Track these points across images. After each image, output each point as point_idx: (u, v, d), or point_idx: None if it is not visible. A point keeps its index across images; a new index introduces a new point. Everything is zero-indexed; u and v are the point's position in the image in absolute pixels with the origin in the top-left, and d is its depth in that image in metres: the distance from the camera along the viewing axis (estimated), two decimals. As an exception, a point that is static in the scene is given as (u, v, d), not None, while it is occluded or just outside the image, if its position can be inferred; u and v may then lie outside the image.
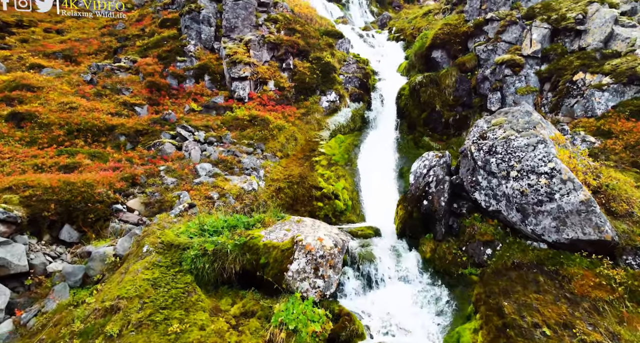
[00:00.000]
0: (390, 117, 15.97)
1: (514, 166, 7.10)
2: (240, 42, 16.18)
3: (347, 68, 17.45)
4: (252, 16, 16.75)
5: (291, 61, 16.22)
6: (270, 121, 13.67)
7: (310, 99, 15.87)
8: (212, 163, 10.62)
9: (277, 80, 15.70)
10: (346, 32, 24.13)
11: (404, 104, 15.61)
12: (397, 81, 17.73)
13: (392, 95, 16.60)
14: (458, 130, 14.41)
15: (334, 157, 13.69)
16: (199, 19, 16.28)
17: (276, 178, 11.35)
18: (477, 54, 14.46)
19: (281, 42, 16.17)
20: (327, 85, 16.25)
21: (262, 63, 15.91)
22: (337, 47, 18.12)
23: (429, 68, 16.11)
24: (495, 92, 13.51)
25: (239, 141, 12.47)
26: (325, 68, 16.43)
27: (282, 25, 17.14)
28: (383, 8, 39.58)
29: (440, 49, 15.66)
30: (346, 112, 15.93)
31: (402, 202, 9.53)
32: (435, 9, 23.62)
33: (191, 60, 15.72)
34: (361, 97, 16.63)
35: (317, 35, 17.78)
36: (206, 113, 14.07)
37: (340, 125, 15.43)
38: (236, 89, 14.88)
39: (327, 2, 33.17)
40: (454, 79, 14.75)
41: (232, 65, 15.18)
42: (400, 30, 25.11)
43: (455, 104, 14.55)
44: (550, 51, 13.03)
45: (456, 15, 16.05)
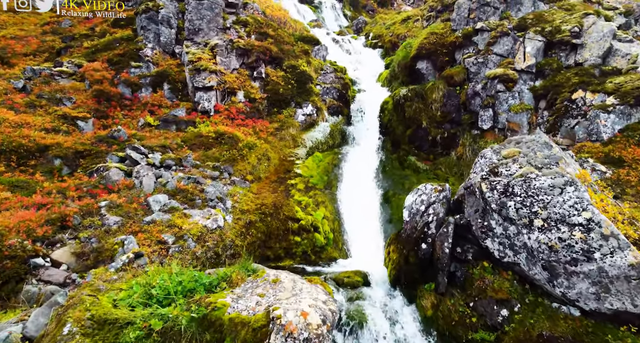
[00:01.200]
0: (372, 132, 14.64)
1: (538, 213, 5.82)
2: (205, 46, 14.39)
3: (325, 77, 16.00)
4: (219, 18, 15.00)
5: (263, 69, 14.59)
6: (240, 138, 11.98)
7: (285, 112, 14.29)
8: (168, 193, 8.83)
9: (247, 90, 14.02)
10: (322, 38, 22.75)
11: (387, 119, 14.32)
12: (378, 93, 16.47)
13: (373, 108, 15.30)
14: (446, 149, 13.25)
15: (312, 179, 12.17)
16: (157, 20, 14.35)
17: (246, 209, 9.69)
18: (466, 66, 13.37)
19: (252, 48, 14.52)
20: (303, 97, 14.73)
21: (230, 71, 14.18)
22: (314, 55, 16.64)
23: (413, 80, 14.92)
24: (487, 109, 12.44)
25: (203, 163, 10.71)
26: (301, 78, 14.91)
27: (252, 29, 15.48)
28: (356, 12, 38.55)
29: (426, 60, 14.50)
30: (324, 126, 14.46)
31: (395, 243, 8.14)
32: (415, 15, 22.66)
33: (148, 66, 13.77)
34: (340, 110, 15.21)
35: (291, 41, 16.23)
36: (164, 128, 12.19)
37: (318, 141, 13.94)
38: (200, 100, 13.08)
39: (299, 4, 31.72)
40: (441, 93, 13.59)
41: (196, 73, 13.37)
42: (377, 36, 24.02)
43: (443, 120, 13.39)
44: (545, 66, 12.09)
45: (442, 23, 14.96)
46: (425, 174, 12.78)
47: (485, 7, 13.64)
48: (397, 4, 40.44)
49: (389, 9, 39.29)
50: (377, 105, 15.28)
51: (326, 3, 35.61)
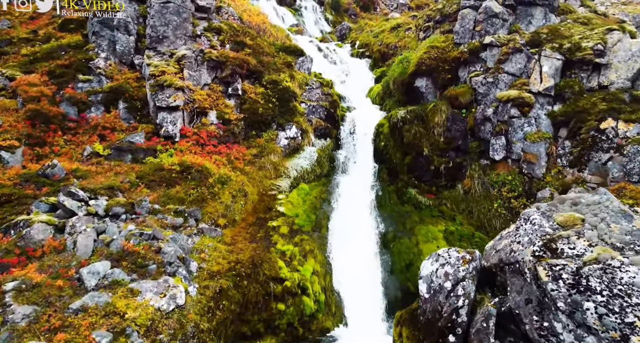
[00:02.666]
0: (366, 159, 12.80)
1: (635, 326, 4.07)
2: (170, 57, 12.22)
3: (310, 94, 14.08)
4: (188, 24, 12.86)
5: (239, 85, 12.53)
6: (211, 171, 9.89)
7: (265, 135, 12.27)
8: (112, 258, 6.68)
9: (220, 110, 11.93)
10: (305, 46, 20.85)
11: (383, 144, 12.50)
12: (370, 111, 14.66)
13: (366, 130, 13.47)
14: (451, 180, 11.54)
15: (298, 219, 10.20)
16: (112, 25, 12.08)
17: (216, 270, 7.62)
18: (473, 86, 11.72)
19: (226, 60, 12.44)
20: (286, 117, 12.75)
21: (200, 87, 12.06)
22: (297, 67, 14.70)
23: (411, 99, 13.19)
24: (499, 137, 10.81)
25: (163, 207, 8.57)
26: (284, 95, 12.93)
27: (227, 38, 13.41)
28: (338, 15, 36.88)
29: (426, 77, 12.79)
30: (310, 152, 12.52)
31: (410, 327, 6.29)
32: (405, 23, 21.06)
33: (100, 80, 11.49)
34: (328, 132, 13.31)
35: (272, 51, 14.24)
36: (117, 159, 9.96)
37: (303, 170, 11.98)
38: (163, 123, 10.91)
39: (278, 7, 29.73)
40: (444, 116, 11.90)
41: (159, 89, 11.20)
42: (365, 45, 22.31)
43: (447, 147, 11.69)
44: (565, 88, 10.56)
45: (443, 36, 13.31)
46: (429, 211, 11.02)
47: (494, 19, 12.05)
48: (380, 9, 39.25)
49: (371, 13, 37.95)
50: (370, 126, 13.48)
51: (307, 6, 33.78)
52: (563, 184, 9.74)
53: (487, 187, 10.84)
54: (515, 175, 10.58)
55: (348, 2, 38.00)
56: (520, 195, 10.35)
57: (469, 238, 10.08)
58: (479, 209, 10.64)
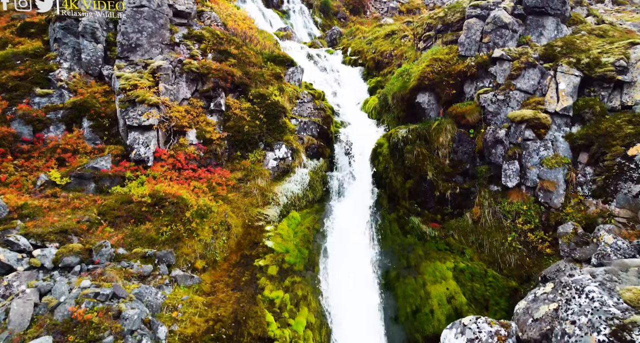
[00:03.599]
0: (363, 183, 11.60)
1: None
2: (144, 68, 10.84)
3: (301, 108, 12.83)
4: (165, 31, 11.50)
5: (223, 100, 11.21)
6: (188, 203, 8.54)
7: (251, 156, 10.98)
8: (56, 330, 5.31)
9: (201, 128, 10.59)
10: (295, 53, 19.66)
11: (382, 167, 11.32)
12: (367, 128, 13.51)
13: (362, 148, 12.29)
14: (458, 208, 10.42)
15: (288, 256, 8.94)
16: (77, 31, 10.64)
17: (190, 333, 6.30)
18: (481, 103, 10.64)
19: (208, 72, 11.11)
20: (274, 135, 11.48)
21: (178, 102, 10.71)
22: (287, 79, 13.44)
23: (411, 115, 12.06)
24: (512, 162, 9.72)
25: (129, 251, 7.20)
26: (272, 110, 11.66)
27: (209, 46, 12.08)
28: (327, 19, 35.86)
29: (428, 92, 11.67)
30: (302, 174, 11.27)
31: None
32: (400, 30, 19.99)
33: (61, 94, 10.04)
34: (321, 152, 12.08)
35: (259, 61, 12.96)
36: (77, 188, 8.55)
37: (294, 196, 10.72)
38: (134, 145, 9.53)
39: (265, 9, 28.50)
40: (450, 136, 10.79)
41: (130, 105, 9.82)
42: (357, 52, 21.20)
43: (454, 171, 10.57)
44: (584, 108, 9.55)
45: (446, 47, 12.23)
46: (434, 243, 9.86)
47: (503, 30, 11.00)
48: (371, 12, 38.51)
49: (361, 16, 37.11)
50: (367, 146, 12.31)
51: (295, 8, 32.63)
52: (586, 218, 8.70)
53: (498, 217, 9.74)
54: (531, 204, 9.51)
55: (337, 5, 37.02)
56: (537, 227, 9.28)
57: (482, 277, 8.94)
58: (490, 242, 9.52)
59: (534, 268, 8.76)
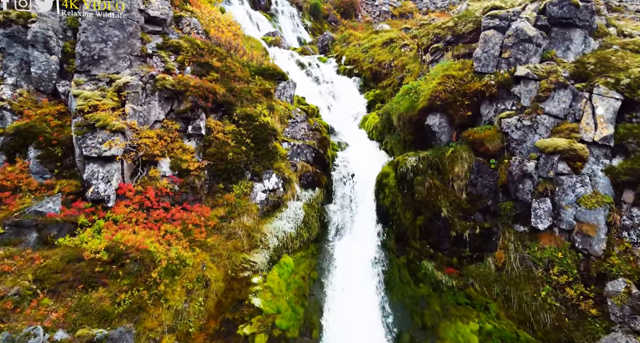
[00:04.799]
0: (367, 217, 10.05)
1: None
2: (109, 85, 9.13)
3: (294, 129, 11.24)
4: (135, 40, 9.80)
5: (203, 122, 9.56)
6: (156, 258, 6.87)
7: (236, 189, 9.34)
8: None
9: (176, 157, 8.92)
10: (284, 60, 18.11)
11: (389, 201, 9.78)
12: (368, 150, 11.98)
13: (364, 176, 10.73)
14: (478, 251, 8.94)
15: (280, 318, 7.33)
16: (25, 39, 8.88)
17: None
18: (503, 129, 9.20)
19: (186, 89, 9.46)
20: (263, 163, 9.86)
21: (149, 126, 9.02)
22: (278, 95, 11.83)
23: (420, 140, 10.57)
24: (543, 200, 8.29)
25: (72, 334, 5.50)
26: (261, 133, 10.04)
27: (188, 58, 10.43)
28: (317, 22, 34.40)
29: (439, 114, 10.20)
30: (295, 209, 9.67)
31: None
32: (399, 38, 18.59)
33: (2, 116, 8.28)
34: (317, 180, 10.50)
35: (246, 75, 11.33)
36: (13, 240, 6.79)
37: (286, 236, 9.12)
38: (93, 180, 7.82)
39: (252, 12, 26.86)
40: (466, 165, 9.32)
41: (89, 131, 8.12)
42: (352, 61, 19.72)
43: (472, 208, 9.10)
44: (627, 137, 8.17)
45: (458, 62, 10.78)
46: (452, 296, 8.35)
47: (526, 44, 9.60)
48: (362, 16, 37.35)
49: (353, 20, 35.87)
50: (370, 173, 10.75)
51: (283, 10, 31.05)
52: (638, 271, 7.28)
53: (528, 265, 8.28)
54: (566, 250, 8.07)
55: (328, 9, 35.64)
56: (576, 279, 7.84)
57: (513, 342, 7.46)
58: (519, 295, 8.05)
59: (575, 332, 7.30)
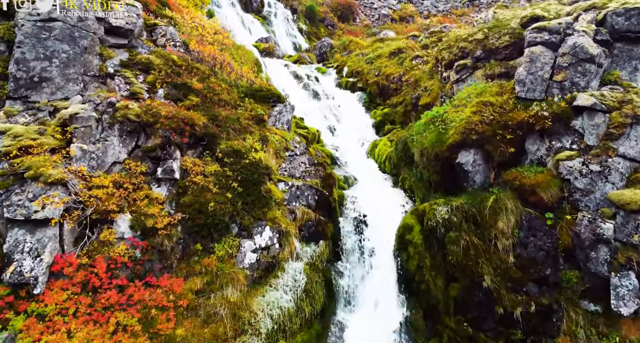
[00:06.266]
0: (385, 279, 7.96)
1: None
2: (51, 116, 7.02)
3: (292, 164, 9.17)
4: (91, 57, 7.69)
5: (177, 162, 7.45)
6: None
7: (219, 249, 7.23)
8: None
9: (140, 211, 6.79)
10: (278, 71, 16.11)
11: (414, 265, 7.69)
12: (382, 188, 9.94)
13: (380, 227, 8.67)
14: (534, 334, 6.88)
15: None
16: (-64, 60, 6.79)
17: None
18: (563, 174, 7.19)
19: (156, 120, 7.35)
20: (254, 213, 7.77)
21: (105, 170, 6.89)
22: (273, 121, 9.75)
23: (449, 180, 8.52)
24: (626, 274, 6.28)
25: None
26: (251, 174, 7.95)
27: (161, 78, 8.33)
28: (313, 26, 32.44)
29: (474, 150, 8.18)
30: (294, 272, 7.58)
31: None
32: (408, 47, 16.61)
33: None
34: (321, 230, 8.42)
35: (234, 98, 9.25)
36: None
37: (283, 313, 7.01)
38: (15, 254, 5.66)
39: (244, 14, 24.85)
40: (513, 219, 7.29)
41: (16, 183, 6.00)
42: (356, 72, 17.72)
43: (524, 276, 7.05)
44: None
45: (494, 84, 8.77)
46: (504, 400, 6.29)
47: (587, 65, 7.61)
48: (360, 19, 35.76)
49: (350, 24, 34.18)
50: (386, 217, 8.71)
51: (277, 13, 29.03)
52: None
53: (603, 360, 6.27)
54: (659, 344, 6.08)
55: (324, 11, 33.70)
56: (674, 387, 5.83)
57: None
58: (594, 404, 6.03)
59: None
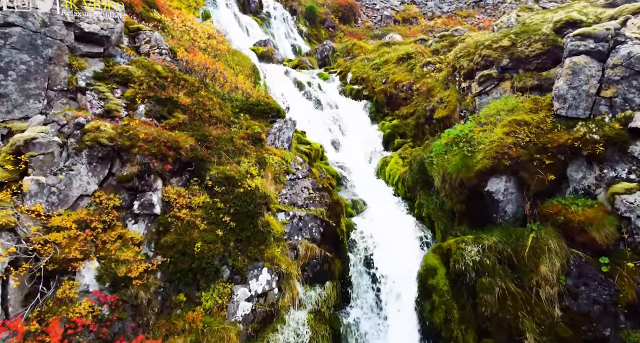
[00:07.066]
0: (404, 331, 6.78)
1: None
2: (4, 140, 5.84)
3: (293, 190, 7.99)
4: (58, 68, 6.52)
5: (157, 194, 6.26)
6: None
7: (207, 299, 6.05)
8: None
9: (110, 257, 5.60)
10: (278, 79, 14.98)
11: (440, 316, 6.49)
12: (395, 214, 8.73)
13: (394, 255, 7.48)
14: (584, 405, 5.71)
15: None
16: None
17: None
18: (619, 211, 6.03)
19: (133, 144, 6.18)
20: (249, 252, 6.59)
21: (68, 206, 5.70)
22: (271, 140, 8.56)
23: (477, 211, 7.34)
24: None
25: None
26: (246, 205, 6.77)
27: (142, 92, 7.15)
28: (314, 27, 31.32)
29: (505, 176, 7.01)
30: (297, 324, 6.40)
31: None
32: (417, 52, 15.46)
33: None
34: (327, 269, 7.24)
35: (227, 113, 8.07)
36: None
37: (283, 379, 5.83)
38: (-52, 322, 4.49)
39: (242, 16, 23.71)
40: (558, 263, 6.12)
41: (-48, 228, 4.80)
42: (361, 79, 16.57)
43: (575, 335, 5.87)
44: None
45: (528, 100, 7.59)
46: None
47: (642, 81, 6.45)
48: (362, 21, 34.90)
49: (352, 25, 33.25)
50: (402, 249, 7.53)
51: (276, 15, 27.87)
52: None
53: None
54: None
55: (325, 12, 32.61)
56: None
57: None
58: None
59: None
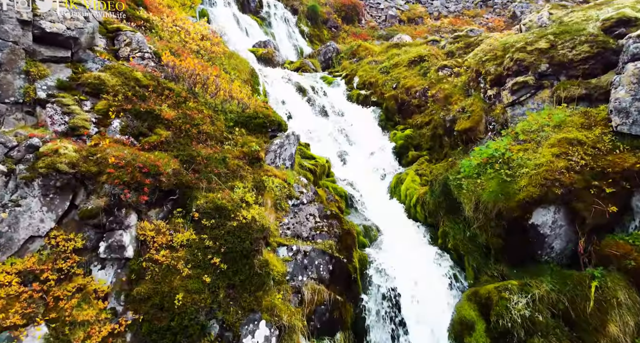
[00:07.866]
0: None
1: None
2: (-64, 171, 4.63)
3: (297, 218, 6.77)
4: (11, 76, 5.33)
5: (130, 233, 5.05)
6: None
7: (189, 365, 4.83)
8: None
9: (63, 319, 4.39)
10: (278, 84, 13.82)
11: (480, 385, 5.31)
12: (414, 245, 7.50)
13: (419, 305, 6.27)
14: None
15: None
16: None
17: None
18: None
19: (100, 170, 4.97)
20: (243, 300, 5.37)
21: (12, 252, 4.49)
22: (271, 159, 7.34)
23: (518, 247, 6.11)
24: None
25: None
26: (240, 242, 5.54)
27: (117, 104, 5.94)
28: (316, 27, 30.23)
29: (555, 207, 5.78)
30: (302, 392, 5.18)
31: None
32: (431, 54, 14.26)
33: None
34: (337, 317, 6.01)
35: (220, 128, 6.86)
36: None
37: None
38: None
39: (241, 15, 22.62)
40: (632, 322, 4.88)
41: None
42: (368, 83, 15.37)
43: None
44: None
45: (578, 113, 6.36)
46: None
47: None
48: (366, 21, 33.93)
49: (355, 25, 32.24)
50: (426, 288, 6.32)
51: (277, 15, 26.75)
52: None
53: None
54: None
55: (327, 12, 31.51)
56: None
57: None
58: None
59: None
